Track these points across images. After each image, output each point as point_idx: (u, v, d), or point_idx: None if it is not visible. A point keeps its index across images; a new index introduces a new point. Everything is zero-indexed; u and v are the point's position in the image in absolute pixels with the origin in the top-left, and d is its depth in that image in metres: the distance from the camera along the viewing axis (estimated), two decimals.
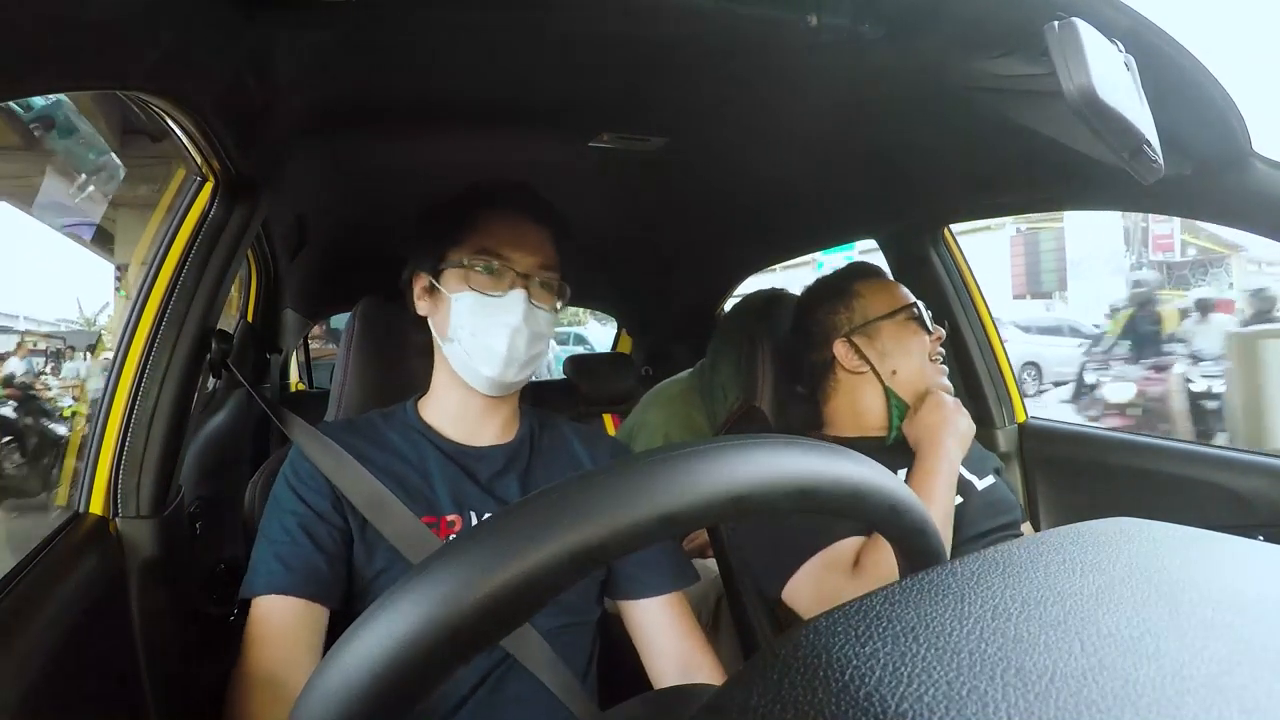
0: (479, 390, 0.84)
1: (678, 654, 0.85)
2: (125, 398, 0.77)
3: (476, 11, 0.70)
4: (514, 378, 0.82)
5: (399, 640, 0.26)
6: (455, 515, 0.80)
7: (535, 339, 0.82)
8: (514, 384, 0.84)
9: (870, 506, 0.35)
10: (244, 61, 0.69)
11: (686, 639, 0.85)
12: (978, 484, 1.08)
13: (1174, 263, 13.77)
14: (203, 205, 0.84)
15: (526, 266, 0.82)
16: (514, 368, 0.81)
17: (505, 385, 0.83)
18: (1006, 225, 14.92)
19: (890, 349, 1.10)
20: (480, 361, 0.81)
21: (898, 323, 1.10)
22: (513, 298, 0.80)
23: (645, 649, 0.87)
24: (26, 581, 0.60)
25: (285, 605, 0.72)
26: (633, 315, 2.63)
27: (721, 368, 1.38)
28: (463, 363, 0.83)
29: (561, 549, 0.27)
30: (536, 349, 0.83)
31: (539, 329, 0.82)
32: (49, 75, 0.47)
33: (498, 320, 0.80)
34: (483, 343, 0.81)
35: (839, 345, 1.12)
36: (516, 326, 0.80)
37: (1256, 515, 1.08)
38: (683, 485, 0.30)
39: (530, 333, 0.81)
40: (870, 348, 1.11)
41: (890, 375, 1.09)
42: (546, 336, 0.84)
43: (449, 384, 0.87)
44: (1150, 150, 0.62)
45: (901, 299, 1.12)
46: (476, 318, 0.81)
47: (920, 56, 0.74)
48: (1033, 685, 0.22)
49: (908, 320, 1.10)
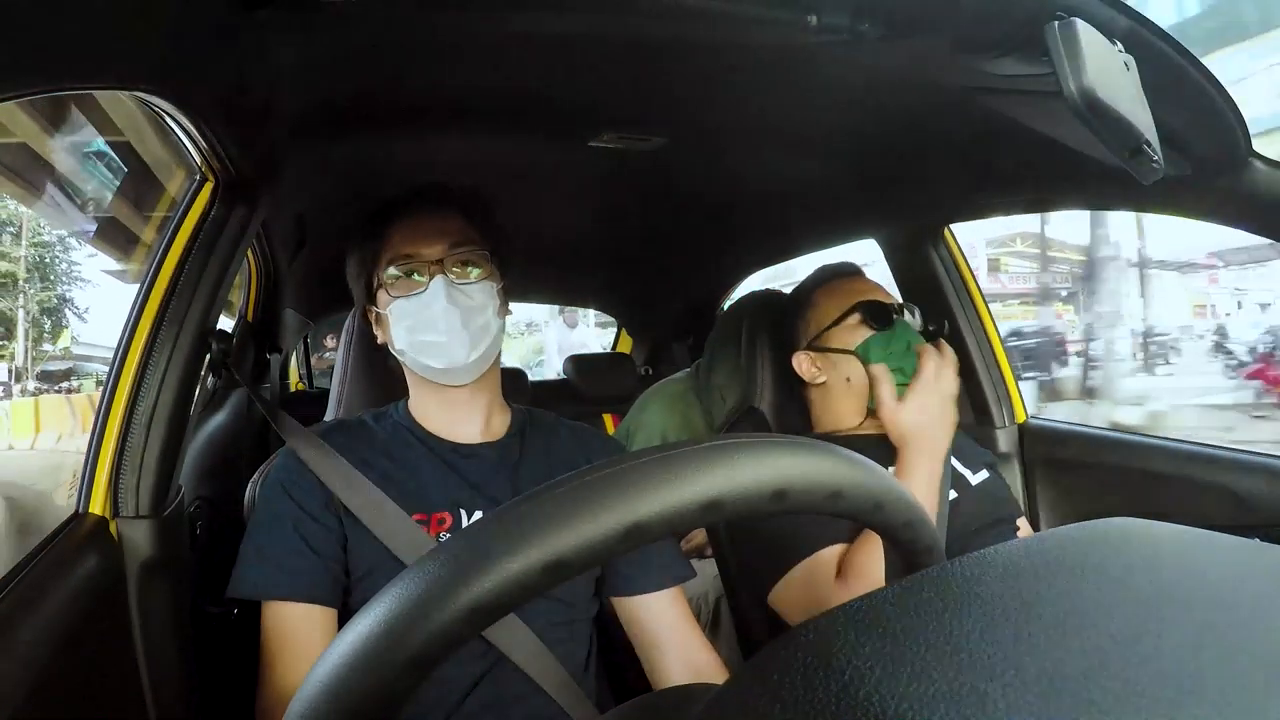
0: (446, 384, 0.84)
1: (677, 650, 0.84)
2: (125, 397, 0.77)
3: (476, 12, 0.70)
4: (467, 359, 0.81)
5: (378, 646, 0.27)
6: (445, 513, 0.80)
7: (470, 313, 0.82)
8: (472, 365, 0.83)
9: (853, 503, 0.34)
10: (244, 61, 0.69)
11: (685, 635, 0.85)
12: (971, 478, 1.08)
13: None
14: (203, 205, 0.84)
15: (436, 253, 0.83)
16: (462, 350, 0.81)
17: (464, 369, 0.82)
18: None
19: (839, 359, 1.07)
20: (428, 357, 0.82)
21: (848, 327, 1.07)
22: (432, 286, 0.81)
23: (644, 647, 0.86)
24: (26, 581, 0.60)
25: (296, 612, 0.73)
26: (633, 315, 2.63)
27: (719, 368, 1.38)
28: (417, 365, 0.84)
29: (531, 560, 0.27)
30: (478, 322, 0.82)
31: (471, 304, 0.82)
32: (49, 75, 0.47)
33: (427, 314, 0.81)
34: (421, 338, 0.81)
35: (798, 358, 1.12)
36: (445, 309, 0.80)
37: (1256, 515, 1.08)
38: (650, 492, 0.29)
39: (461, 309, 0.81)
40: (823, 359, 1.10)
41: (844, 383, 1.08)
42: (486, 308, 0.83)
43: (420, 386, 0.88)
44: (1150, 150, 0.62)
45: (848, 300, 1.07)
46: (409, 319, 0.82)
47: (920, 56, 0.74)
48: (1033, 685, 0.22)
49: (859, 323, 1.06)
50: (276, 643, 0.73)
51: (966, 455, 1.11)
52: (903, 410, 0.97)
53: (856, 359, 1.05)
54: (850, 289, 1.10)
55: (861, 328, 1.06)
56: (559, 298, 3.40)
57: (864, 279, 1.13)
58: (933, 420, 0.97)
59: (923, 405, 0.97)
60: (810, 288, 1.15)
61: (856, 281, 1.12)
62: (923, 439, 0.96)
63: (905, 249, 1.39)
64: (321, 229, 1.54)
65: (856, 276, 1.14)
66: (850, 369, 1.07)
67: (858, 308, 1.06)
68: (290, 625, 0.73)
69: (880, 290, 1.11)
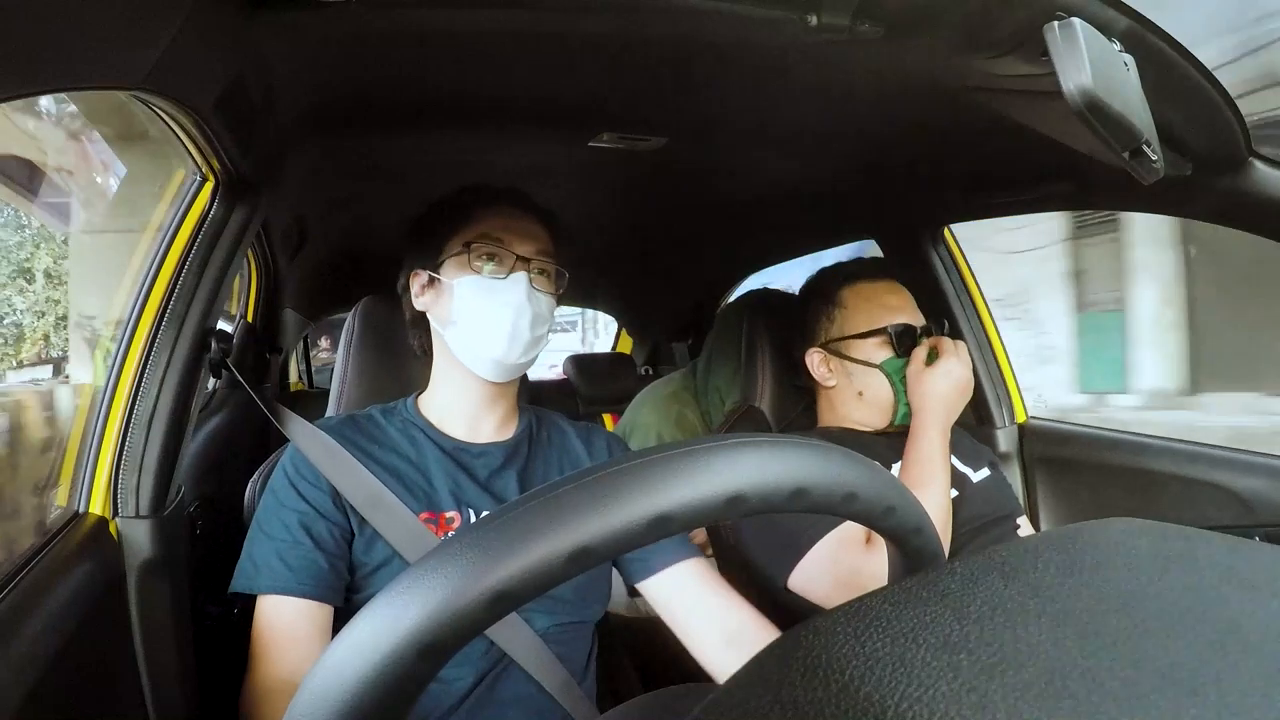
0: (482, 375, 0.84)
1: (706, 619, 0.83)
2: (125, 397, 0.77)
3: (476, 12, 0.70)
4: (517, 359, 0.83)
5: (387, 644, 0.27)
6: (454, 512, 0.80)
7: (538, 320, 0.83)
8: (517, 366, 0.84)
9: (866, 505, 0.35)
10: (244, 61, 0.69)
11: (714, 602, 0.83)
12: (973, 476, 1.08)
13: None
14: (203, 205, 0.84)
15: (526, 251, 0.84)
16: (518, 348, 0.82)
17: (509, 368, 0.83)
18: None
19: (857, 370, 1.07)
20: (484, 343, 0.82)
21: (874, 344, 1.07)
22: (515, 279, 0.82)
23: (677, 625, 0.84)
24: (26, 581, 0.60)
25: (291, 607, 0.72)
26: (633, 315, 2.63)
27: (718, 368, 1.38)
28: (465, 346, 0.83)
29: (561, 546, 0.28)
30: (539, 331, 0.83)
31: (540, 311, 0.83)
32: (49, 75, 0.47)
33: (501, 300, 0.81)
34: (487, 323, 0.81)
35: (812, 354, 1.11)
36: (520, 306, 0.81)
37: (1256, 515, 1.08)
38: (678, 485, 0.30)
39: (533, 313, 0.82)
40: (840, 365, 1.09)
41: (856, 395, 1.08)
42: (548, 320, 0.85)
43: (448, 375, 0.87)
44: (1150, 150, 0.62)
45: (882, 318, 1.07)
46: (480, 299, 0.82)
47: (920, 56, 0.74)
48: (1033, 685, 0.22)
49: (884, 343, 1.06)
50: (269, 636, 0.72)
51: (968, 453, 1.11)
52: (929, 375, 1.00)
53: (875, 374, 1.05)
54: (883, 303, 1.09)
55: (888, 349, 1.06)
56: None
57: (896, 288, 1.11)
58: (953, 387, 1.00)
59: (948, 370, 1.00)
60: (838, 284, 1.13)
61: (889, 293, 1.10)
62: (939, 406, 0.99)
63: (905, 249, 1.39)
64: (321, 229, 1.54)
65: (889, 283, 1.12)
66: (865, 384, 1.07)
67: (890, 332, 1.06)
68: (285, 619, 0.72)
69: (910, 305, 1.10)
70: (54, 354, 2.33)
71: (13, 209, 2.15)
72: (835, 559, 0.93)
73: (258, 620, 0.73)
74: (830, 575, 0.93)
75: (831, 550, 0.93)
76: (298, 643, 0.71)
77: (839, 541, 0.93)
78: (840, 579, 0.91)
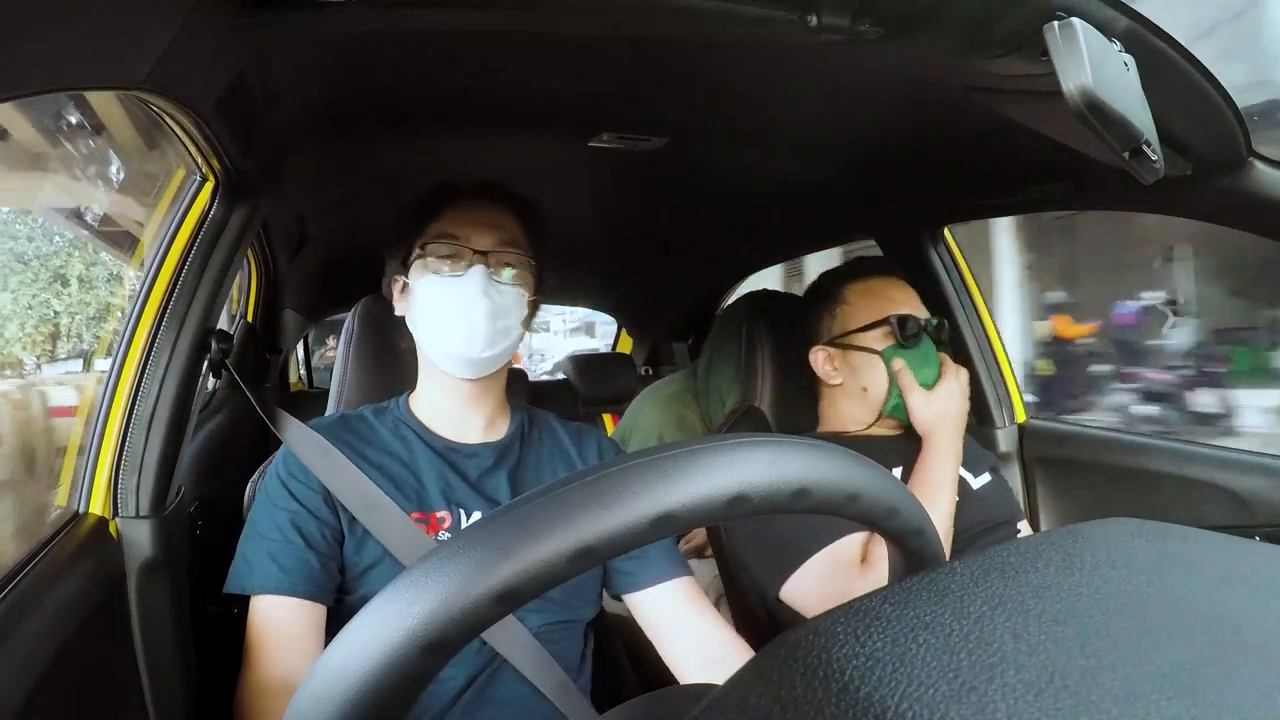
0: (452, 373, 0.84)
1: (684, 639, 0.83)
2: (125, 397, 0.77)
3: (476, 12, 0.70)
4: (480, 353, 0.82)
5: (384, 647, 0.27)
6: (445, 512, 0.80)
7: (498, 312, 0.82)
8: (485, 361, 0.83)
9: (869, 506, 0.35)
10: (245, 62, 0.69)
11: (694, 624, 0.83)
12: (974, 482, 1.08)
13: None
14: (203, 205, 0.84)
15: (484, 244, 0.83)
16: (478, 342, 0.81)
17: (476, 363, 0.82)
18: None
19: (861, 364, 1.07)
20: (445, 339, 0.82)
21: (877, 335, 1.07)
22: (471, 274, 0.81)
23: (658, 639, 0.85)
24: (26, 581, 0.60)
25: (285, 607, 0.72)
26: (633, 315, 2.63)
27: (718, 368, 1.38)
28: (432, 345, 0.84)
29: (565, 544, 0.28)
30: (501, 323, 0.82)
31: (502, 303, 0.82)
32: (49, 75, 0.47)
33: (457, 295, 0.81)
34: (445, 320, 0.81)
35: (816, 352, 1.12)
36: (475, 299, 0.80)
37: (1255, 515, 1.08)
38: (681, 484, 0.30)
39: (491, 305, 0.81)
40: (844, 361, 1.09)
41: (860, 391, 1.08)
42: (514, 312, 0.84)
43: (430, 375, 0.87)
44: (1150, 150, 0.62)
45: (883, 309, 1.07)
46: (437, 297, 0.82)
47: (920, 56, 0.73)
48: (1033, 685, 0.22)
49: (888, 334, 1.06)
50: (262, 636, 0.72)
51: (970, 459, 1.10)
52: (933, 398, 1.02)
53: (878, 367, 1.06)
54: (886, 296, 1.09)
55: (890, 339, 1.06)
56: (559, 298, 3.40)
57: (899, 284, 1.12)
58: (958, 407, 1.03)
59: (950, 393, 1.03)
60: (841, 282, 1.13)
61: (892, 288, 1.11)
62: (947, 424, 1.01)
63: (905, 249, 1.39)
64: (322, 229, 1.54)
65: (892, 279, 1.12)
66: (869, 379, 1.07)
67: (891, 321, 1.06)
68: (278, 620, 0.72)
69: (914, 300, 1.11)
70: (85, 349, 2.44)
71: (44, 220, 2.20)
72: (827, 578, 0.93)
73: (251, 620, 0.73)
74: (818, 594, 0.94)
75: (825, 568, 0.94)
76: (291, 642, 0.71)
77: (833, 561, 0.93)
78: (828, 601, 0.90)
